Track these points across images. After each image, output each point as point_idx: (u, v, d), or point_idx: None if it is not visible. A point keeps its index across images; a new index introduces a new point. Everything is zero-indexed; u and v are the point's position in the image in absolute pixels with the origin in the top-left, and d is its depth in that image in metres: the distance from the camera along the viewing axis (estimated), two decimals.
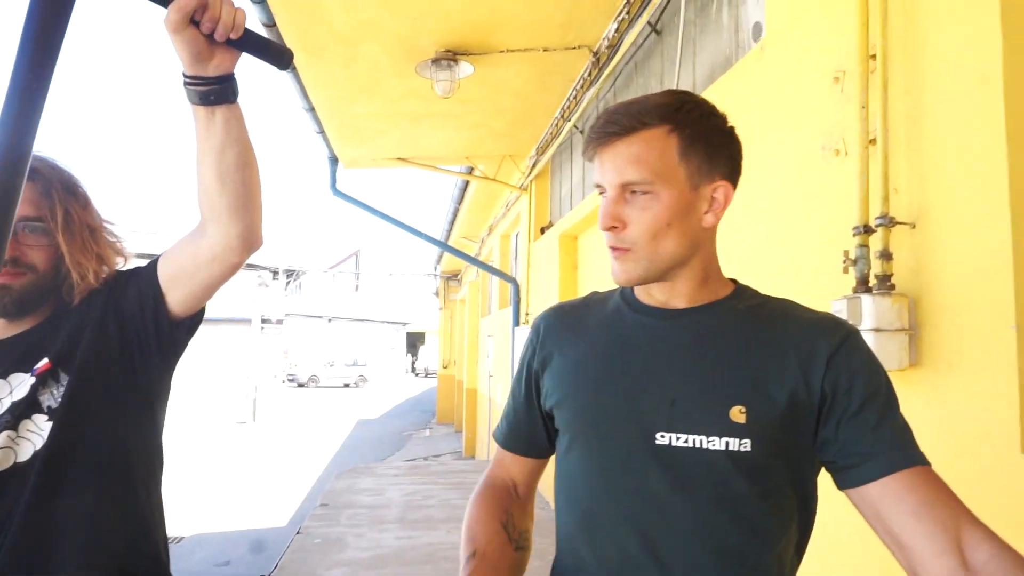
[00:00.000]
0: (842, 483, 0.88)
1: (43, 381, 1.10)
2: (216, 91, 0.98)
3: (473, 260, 9.99)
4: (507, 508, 1.05)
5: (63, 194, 1.15)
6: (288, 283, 32.01)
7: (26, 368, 1.11)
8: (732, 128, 0.95)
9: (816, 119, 2.07)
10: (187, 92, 0.99)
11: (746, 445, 0.85)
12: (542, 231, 6.85)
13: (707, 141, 0.91)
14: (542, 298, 6.59)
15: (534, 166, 6.68)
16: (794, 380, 0.87)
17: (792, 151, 2.20)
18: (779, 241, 2.26)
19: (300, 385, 33.96)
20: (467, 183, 9.24)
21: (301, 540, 4.97)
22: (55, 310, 1.17)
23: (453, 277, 18.04)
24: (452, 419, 17.10)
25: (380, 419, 19.96)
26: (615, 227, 0.91)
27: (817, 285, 1.99)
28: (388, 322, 41.77)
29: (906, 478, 0.82)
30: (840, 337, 0.89)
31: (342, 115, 5.79)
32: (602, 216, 0.92)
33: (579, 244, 5.98)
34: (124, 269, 1.24)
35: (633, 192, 0.90)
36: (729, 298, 0.96)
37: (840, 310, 1.67)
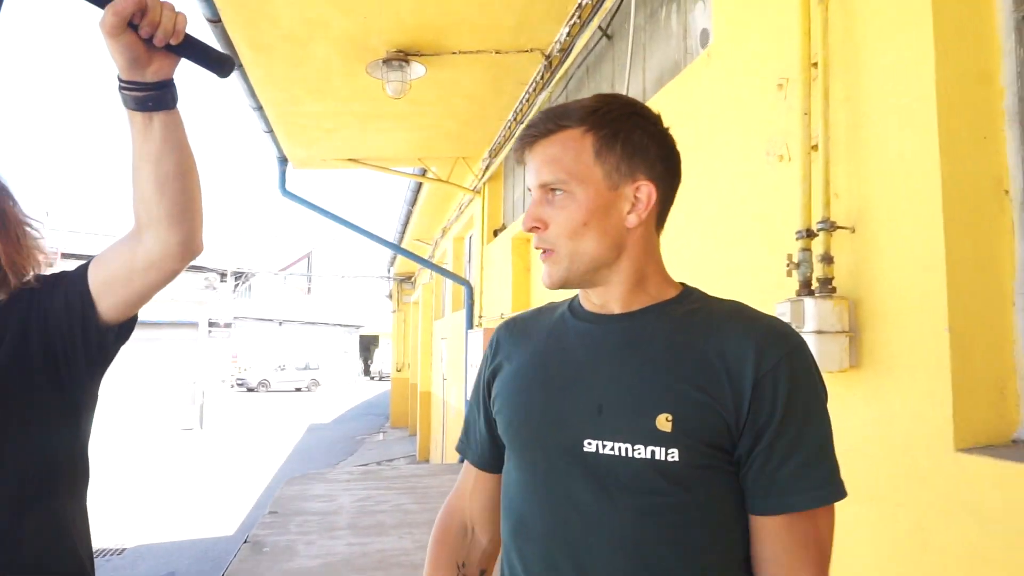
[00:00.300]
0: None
1: None
2: (154, 97, 0.95)
3: (426, 263, 9.93)
4: (462, 560, 1.08)
5: None
6: (237, 285, 31.27)
7: None
8: (661, 129, 0.95)
9: (761, 125, 2.11)
10: (123, 97, 0.95)
11: (673, 455, 0.84)
12: (495, 234, 6.85)
13: (625, 141, 0.91)
14: (496, 301, 6.58)
15: (487, 168, 6.68)
16: (723, 397, 0.85)
17: (738, 156, 2.24)
18: (725, 244, 2.29)
19: (250, 390, 33.20)
20: (420, 185, 9.18)
21: (249, 549, 4.84)
22: None
23: (407, 280, 17.91)
24: (406, 423, 16.98)
25: (332, 423, 19.67)
26: (536, 227, 0.93)
27: (762, 288, 2.03)
28: (341, 325, 41.21)
29: (774, 524, 0.86)
30: (772, 360, 0.86)
31: (291, 115, 5.69)
32: (525, 217, 0.93)
33: (532, 247, 5.98)
34: (49, 273, 1.18)
35: (553, 192, 0.91)
36: (671, 301, 0.95)
37: (784, 313, 1.70)
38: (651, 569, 0.85)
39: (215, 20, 3.88)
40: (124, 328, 1.15)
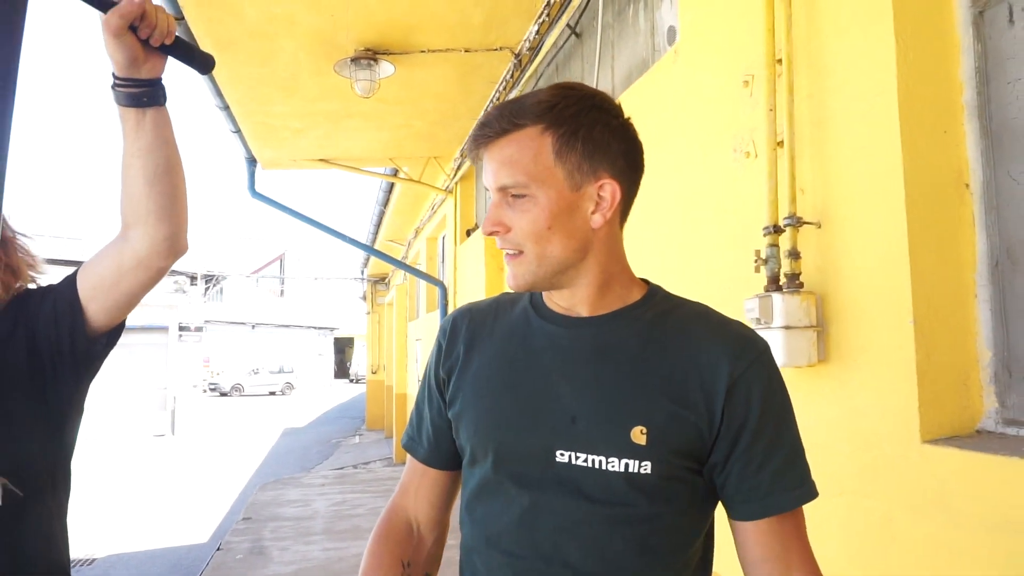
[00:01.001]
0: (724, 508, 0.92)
1: None
2: (148, 93, 1.03)
3: (399, 263, 9.87)
4: (408, 560, 1.01)
5: None
6: (208, 288, 30.86)
7: None
8: (622, 122, 0.91)
9: (728, 121, 2.11)
10: (118, 95, 1.02)
11: (646, 467, 0.84)
12: (468, 233, 6.83)
13: (586, 138, 0.86)
14: (470, 300, 6.56)
15: (458, 168, 6.65)
16: (696, 405, 0.86)
17: (706, 152, 2.24)
18: (694, 241, 2.30)
19: (223, 394, 32.75)
20: (392, 185, 9.12)
21: (222, 556, 4.78)
22: None
23: (380, 281, 17.79)
24: (382, 425, 16.85)
25: (308, 427, 19.46)
26: (496, 231, 0.89)
27: (730, 284, 2.04)
28: (315, 327, 40.83)
29: (761, 526, 0.88)
30: (744, 364, 0.87)
31: (258, 114, 5.61)
32: (484, 221, 0.90)
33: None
34: (36, 287, 1.20)
35: (513, 195, 0.88)
36: (636, 305, 0.93)
37: (752, 308, 1.71)
38: (619, 574, 0.85)
39: (178, 17, 3.80)
40: (111, 336, 1.17)
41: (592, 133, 0.87)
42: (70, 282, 1.12)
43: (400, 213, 10.30)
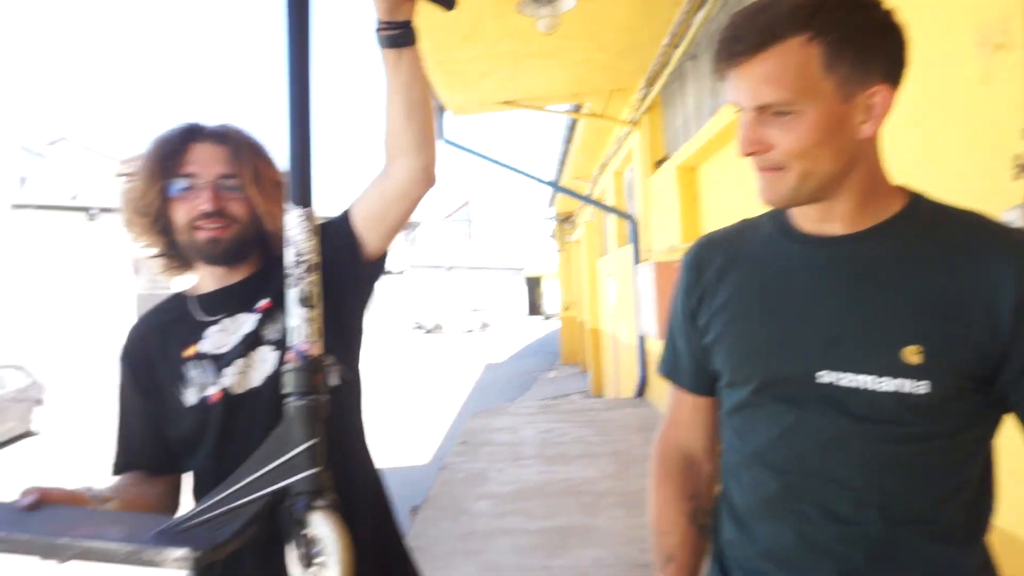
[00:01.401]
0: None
1: (266, 317, 1.23)
2: (405, 34, 1.15)
3: (587, 199, 9.91)
4: (693, 492, 1.04)
5: (251, 155, 1.27)
6: (406, 234, 33.06)
7: (249, 308, 1.24)
8: (888, 15, 0.81)
9: (971, 12, 1.86)
10: (380, 38, 1.15)
11: (922, 387, 0.79)
12: (657, 165, 6.66)
13: (857, 43, 0.78)
14: (663, 233, 6.45)
15: (644, 99, 6.46)
16: (976, 322, 0.79)
17: (944, 48, 1.99)
18: (934, 149, 2.07)
19: (428, 332, 35.37)
20: (575, 122, 9.09)
21: (446, 475, 5.27)
22: (267, 258, 1.28)
23: (567, 220, 17.97)
24: (577, 360, 17.32)
25: (507, 362, 20.52)
26: (756, 151, 0.84)
27: (981, 194, 1.82)
28: (505, 268, 42.46)
29: None
30: None
31: (446, 62, 5.82)
32: (741, 141, 0.84)
33: (699, 175, 5.76)
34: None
35: (774, 113, 0.81)
36: (899, 217, 0.87)
37: (1014, 220, 1.53)
38: (887, 493, 0.84)
39: None
40: (380, 263, 1.31)
41: (863, 37, 0.80)
42: (344, 218, 1.26)
43: (585, 149, 10.26)
